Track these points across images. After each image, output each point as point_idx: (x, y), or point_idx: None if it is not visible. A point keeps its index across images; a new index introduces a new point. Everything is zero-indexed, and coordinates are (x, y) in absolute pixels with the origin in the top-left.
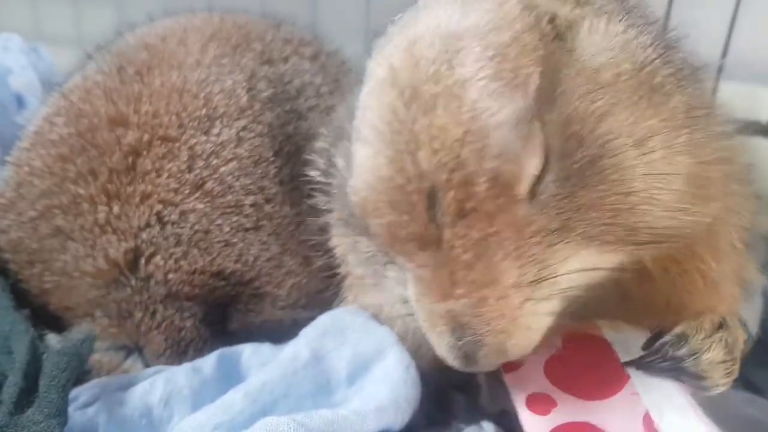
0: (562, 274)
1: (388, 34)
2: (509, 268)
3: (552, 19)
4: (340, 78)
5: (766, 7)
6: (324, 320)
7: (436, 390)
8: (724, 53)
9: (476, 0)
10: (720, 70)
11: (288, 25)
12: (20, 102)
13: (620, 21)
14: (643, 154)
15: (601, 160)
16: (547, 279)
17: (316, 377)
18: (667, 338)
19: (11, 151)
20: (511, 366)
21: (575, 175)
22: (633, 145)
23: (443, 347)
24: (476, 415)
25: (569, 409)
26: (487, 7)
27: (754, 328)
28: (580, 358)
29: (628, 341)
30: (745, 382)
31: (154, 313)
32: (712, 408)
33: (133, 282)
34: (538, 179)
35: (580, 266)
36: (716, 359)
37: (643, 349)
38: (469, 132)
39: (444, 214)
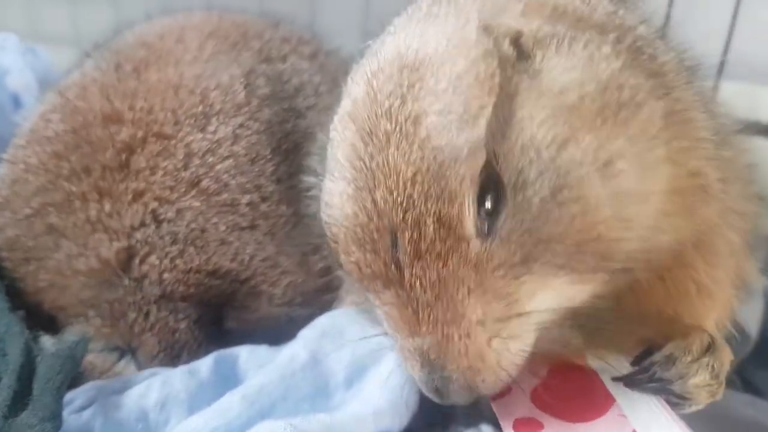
0: (533, 310)
1: (363, 61)
2: (473, 305)
3: (516, 39)
4: (339, 78)
5: (766, 7)
6: (322, 322)
7: None
8: (725, 53)
9: (439, 22)
10: (720, 69)
11: (286, 24)
12: (17, 102)
13: (585, 33)
14: (610, 178)
15: (562, 191)
16: (517, 316)
17: (314, 380)
18: (656, 357)
19: (7, 149)
20: (499, 394)
21: (535, 207)
22: (598, 171)
23: (417, 380)
24: (476, 417)
25: (556, 431)
26: (448, 31)
27: (754, 329)
28: (566, 385)
29: (612, 370)
30: (745, 383)
31: (147, 314)
32: (711, 410)
33: (126, 282)
34: (494, 214)
35: (553, 298)
36: (702, 384)
37: (632, 364)
38: (418, 172)
39: (403, 254)
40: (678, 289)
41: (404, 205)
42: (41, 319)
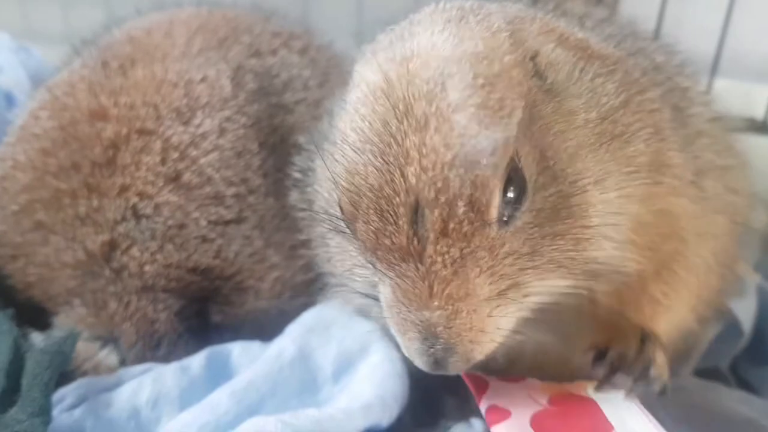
0: (529, 293)
1: (377, 42)
2: (482, 284)
3: (533, 57)
4: (330, 72)
5: (760, 4)
6: (309, 317)
7: (425, 392)
8: (719, 50)
9: (471, 26)
10: (714, 67)
11: (278, 18)
12: (9, 100)
13: (593, 65)
14: (601, 193)
15: (571, 197)
16: (514, 293)
17: (302, 375)
18: (609, 359)
19: None
20: (497, 417)
21: (549, 207)
22: (594, 184)
23: (413, 351)
24: (466, 412)
25: None
26: (481, 35)
27: (747, 326)
28: (566, 413)
29: (613, 400)
30: (739, 380)
31: (128, 304)
32: (705, 408)
33: (107, 272)
34: (516, 206)
35: (544, 288)
36: (662, 362)
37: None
38: (456, 157)
39: (428, 231)
40: (635, 309)
41: (438, 185)
42: (31, 314)
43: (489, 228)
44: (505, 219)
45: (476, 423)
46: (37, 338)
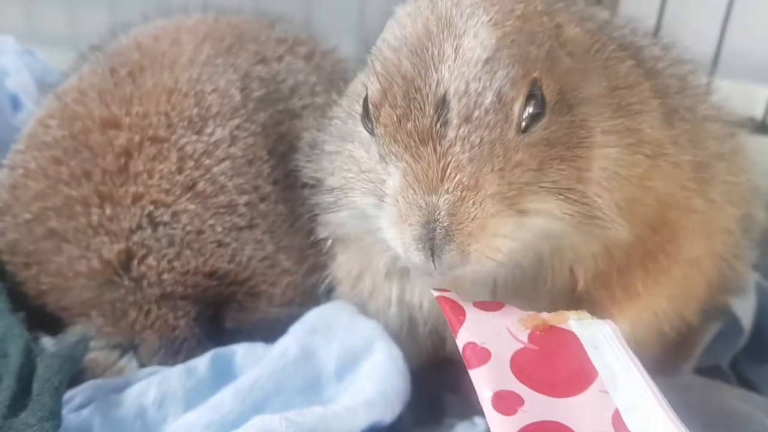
0: (527, 210)
1: None
2: (492, 180)
3: (558, 26)
4: (335, 76)
5: (760, 4)
6: (312, 316)
7: (428, 391)
8: (718, 49)
9: None
10: (714, 67)
11: (283, 24)
12: (16, 104)
13: (606, 50)
14: (603, 146)
15: (580, 130)
16: (515, 205)
17: (305, 374)
18: None
19: (7, 154)
20: (477, 361)
21: (561, 133)
22: (601, 133)
23: (409, 240)
24: (469, 411)
25: (536, 408)
26: None
27: (747, 323)
28: (548, 354)
29: (595, 334)
30: (739, 378)
31: (148, 312)
32: (705, 405)
33: (126, 282)
34: (534, 122)
35: (542, 218)
36: None
37: None
38: (491, 57)
39: (453, 116)
40: (607, 290)
41: (470, 78)
42: (45, 320)
43: (509, 126)
44: (523, 128)
45: (479, 421)
46: (48, 342)
